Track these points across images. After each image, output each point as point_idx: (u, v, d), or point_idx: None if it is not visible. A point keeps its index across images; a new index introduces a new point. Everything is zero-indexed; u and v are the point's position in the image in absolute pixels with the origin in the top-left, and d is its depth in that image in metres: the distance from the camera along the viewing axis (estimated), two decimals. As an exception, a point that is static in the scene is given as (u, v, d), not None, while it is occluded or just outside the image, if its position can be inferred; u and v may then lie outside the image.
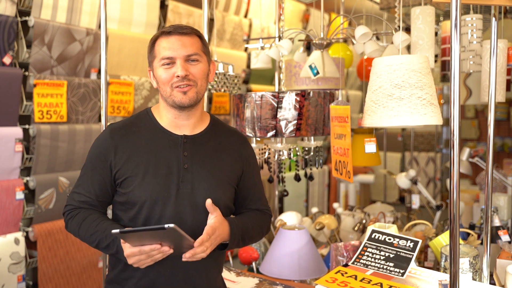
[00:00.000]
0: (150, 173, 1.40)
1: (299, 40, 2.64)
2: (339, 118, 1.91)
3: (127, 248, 1.27)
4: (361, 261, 1.73)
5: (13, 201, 2.85)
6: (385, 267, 1.67)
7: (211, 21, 4.04)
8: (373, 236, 1.80)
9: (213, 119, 1.56)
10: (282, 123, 1.98)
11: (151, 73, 1.47)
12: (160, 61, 1.40)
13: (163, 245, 1.26)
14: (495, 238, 2.14)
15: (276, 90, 2.88)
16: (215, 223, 1.37)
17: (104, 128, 2.11)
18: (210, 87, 2.42)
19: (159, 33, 1.43)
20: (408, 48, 2.46)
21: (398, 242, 1.74)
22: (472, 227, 2.56)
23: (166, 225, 1.14)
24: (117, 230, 1.18)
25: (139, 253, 1.26)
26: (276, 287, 1.98)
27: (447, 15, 3.42)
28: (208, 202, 1.37)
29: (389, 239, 1.76)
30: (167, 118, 1.47)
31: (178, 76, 1.38)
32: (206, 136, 1.50)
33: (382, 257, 1.71)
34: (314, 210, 2.96)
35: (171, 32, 1.40)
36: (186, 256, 1.29)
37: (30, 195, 3.04)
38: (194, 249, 1.29)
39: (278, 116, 1.98)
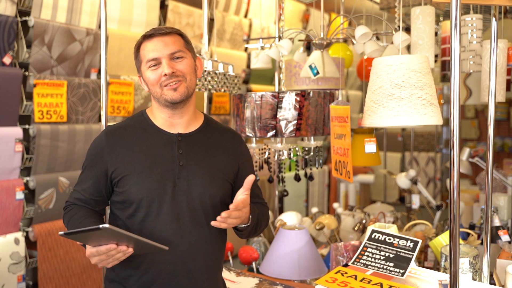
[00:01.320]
0: (146, 171, 1.43)
1: (299, 40, 2.64)
2: (339, 118, 1.91)
3: (87, 249, 1.28)
4: (361, 261, 1.73)
5: (13, 201, 2.85)
6: (385, 267, 1.67)
7: (211, 21, 4.04)
8: (373, 236, 1.80)
9: (206, 118, 1.59)
10: (282, 123, 1.98)
11: (141, 78, 1.51)
12: (147, 64, 1.44)
13: (119, 245, 1.25)
14: (495, 238, 2.14)
15: (276, 90, 2.88)
16: (247, 198, 1.40)
17: (103, 128, 2.13)
18: (210, 87, 2.42)
19: (141, 38, 1.48)
20: (408, 48, 2.46)
21: (398, 242, 1.74)
22: (472, 227, 2.56)
23: (101, 226, 1.13)
24: (62, 232, 1.18)
25: (97, 253, 1.25)
26: (276, 287, 1.98)
27: (447, 15, 3.42)
28: (250, 178, 1.40)
29: (389, 239, 1.76)
30: (161, 118, 1.50)
31: (165, 75, 1.41)
32: (200, 134, 1.53)
33: (382, 257, 1.71)
34: (314, 210, 2.96)
35: (152, 34, 1.45)
36: (222, 216, 1.31)
37: (30, 195, 3.04)
38: (229, 211, 1.32)
39: (278, 116, 1.99)
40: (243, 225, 1.46)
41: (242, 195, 1.40)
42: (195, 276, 1.46)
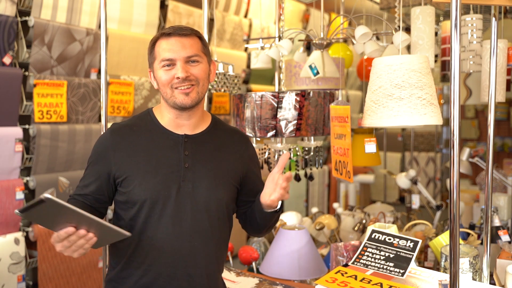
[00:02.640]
0: (150, 172, 1.41)
1: (299, 40, 2.64)
2: (339, 118, 1.91)
3: (52, 235, 1.21)
4: (361, 261, 1.73)
5: (13, 201, 2.85)
6: (385, 267, 1.67)
7: (211, 21, 4.04)
8: (373, 236, 1.80)
9: (214, 119, 1.56)
10: (282, 123, 1.98)
11: (152, 74, 1.48)
12: (161, 63, 1.41)
13: (78, 229, 1.18)
14: (495, 238, 2.14)
15: (276, 90, 2.88)
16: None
17: (104, 128, 2.13)
18: (210, 87, 2.42)
19: (159, 34, 1.44)
20: (408, 48, 2.46)
21: (398, 242, 1.74)
22: (472, 227, 2.56)
23: (42, 196, 1.08)
24: (16, 210, 1.13)
25: (58, 238, 1.18)
26: (276, 287, 1.98)
27: (447, 15, 3.42)
28: (287, 154, 1.40)
29: (389, 239, 1.76)
30: (168, 118, 1.47)
31: (178, 78, 1.39)
32: (207, 135, 1.50)
33: (382, 257, 1.71)
34: (314, 210, 2.96)
35: (171, 33, 1.41)
36: (282, 185, 1.35)
37: (30, 195, 3.04)
38: (285, 176, 1.35)
39: (278, 116, 1.99)
40: (274, 210, 1.45)
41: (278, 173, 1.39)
42: (196, 280, 1.45)
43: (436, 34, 3.08)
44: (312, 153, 2.21)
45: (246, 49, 4.58)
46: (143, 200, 1.40)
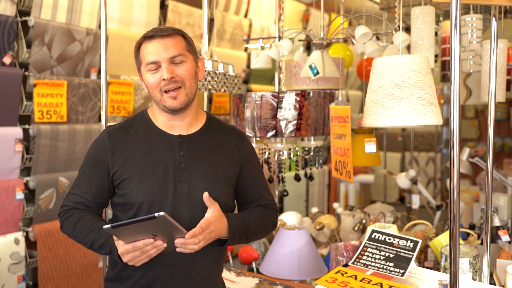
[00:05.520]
0: (147, 174, 1.41)
1: (299, 40, 2.64)
2: (339, 118, 1.92)
3: (121, 246, 1.27)
4: (361, 261, 1.73)
5: (13, 201, 2.85)
6: (385, 267, 1.67)
7: (211, 21, 4.04)
8: (373, 236, 1.80)
9: (209, 118, 1.56)
10: (282, 123, 1.98)
11: (141, 78, 1.48)
12: (146, 66, 1.42)
13: (156, 239, 1.25)
14: (495, 238, 2.14)
15: (276, 90, 2.88)
16: (211, 217, 1.36)
17: (103, 129, 2.12)
18: (210, 87, 2.42)
19: (142, 38, 1.44)
20: (408, 48, 2.46)
21: (398, 242, 1.74)
22: (472, 227, 2.56)
23: (156, 214, 1.13)
24: (108, 225, 1.17)
25: (133, 249, 1.25)
26: (276, 287, 1.98)
27: (447, 15, 3.42)
28: (205, 195, 1.38)
29: (389, 239, 1.77)
30: (161, 120, 1.48)
31: (164, 79, 1.39)
32: (202, 135, 1.50)
33: (382, 257, 1.71)
34: (314, 210, 2.96)
35: (152, 36, 1.41)
36: (176, 243, 1.29)
37: (30, 195, 3.04)
38: (184, 239, 1.29)
39: (278, 116, 1.99)
40: (224, 238, 1.42)
41: (206, 214, 1.37)
42: (194, 280, 1.45)
43: (436, 34, 3.08)
44: (312, 153, 2.21)
45: (246, 49, 4.58)
46: (141, 202, 1.40)
